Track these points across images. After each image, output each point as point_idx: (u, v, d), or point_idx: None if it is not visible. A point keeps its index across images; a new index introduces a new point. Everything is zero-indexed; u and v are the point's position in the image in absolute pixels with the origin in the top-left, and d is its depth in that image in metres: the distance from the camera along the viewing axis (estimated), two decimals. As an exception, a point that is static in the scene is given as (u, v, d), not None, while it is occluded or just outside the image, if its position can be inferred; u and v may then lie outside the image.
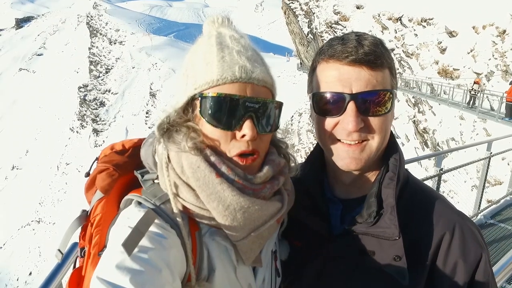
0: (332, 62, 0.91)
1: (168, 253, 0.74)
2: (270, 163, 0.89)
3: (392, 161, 0.98)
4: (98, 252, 0.84)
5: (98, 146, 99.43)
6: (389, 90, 0.91)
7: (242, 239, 0.82)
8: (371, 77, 0.88)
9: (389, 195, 0.92)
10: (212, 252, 0.83)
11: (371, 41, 0.90)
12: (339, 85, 0.90)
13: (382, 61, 0.89)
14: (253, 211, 0.81)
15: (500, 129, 15.20)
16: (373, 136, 0.92)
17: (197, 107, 0.83)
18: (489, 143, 6.12)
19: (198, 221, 0.83)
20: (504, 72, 20.08)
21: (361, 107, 0.89)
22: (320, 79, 0.95)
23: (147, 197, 0.83)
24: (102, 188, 0.90)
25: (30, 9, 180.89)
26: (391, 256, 0.90)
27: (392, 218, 0.90)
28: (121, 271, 0.66)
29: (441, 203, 0.99)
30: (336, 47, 0.90)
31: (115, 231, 0.79)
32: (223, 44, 0.86)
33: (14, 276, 74.26)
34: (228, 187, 0.79)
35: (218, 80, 0.80)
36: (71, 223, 0.99)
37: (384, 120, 0.92)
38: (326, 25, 38.00)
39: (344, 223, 1.02)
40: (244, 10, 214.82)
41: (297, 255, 1.05)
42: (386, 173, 0.96)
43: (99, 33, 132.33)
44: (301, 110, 48.65)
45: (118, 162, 0.94)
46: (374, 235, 0.93)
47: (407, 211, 0.95)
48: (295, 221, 1.04)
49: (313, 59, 1.01)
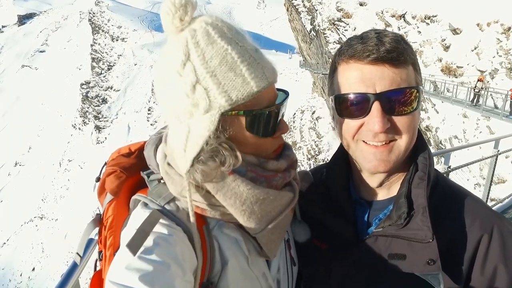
0: (353, 62, 0.88)
1: (175, 249, 0.75)
2: (285, 158, 0.91)
3: (422, 160, 0.94)
4: (113, 252, 0.86)
5: (100, 143, 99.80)
6: (415, 87, 0.87)
7: (261, 231, 0.83)
8: (395, 75, 0.84)
9: (420, 195, 0.88)
10: (222, 245, 0.84)
11: (392, 37, 0.86)
12: (362, 86, 0.86)
13: (405, 58, 0.86)
14: (268, 202, 0.82)
15: (504, 127, 15.10)
16: (401, 136, 0.88)
17: (234, 123, 0.79)
18: (497, 141, 6.04)
19: (205, 216, 0.84)
20: (508, 70, 19.92)
21: (386, 107, 0.85)
22: (341, 81, 0.92)
23: (153, 198, 0.84)
24: (111, 190, 0.92)
25: (32, 6, 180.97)
26: (424, 259, 0.85)
27: (424, 220, 0.86)
28: (130, 271, 0.68)
29: (476, 203, 0.94)
30: (356, 46, 0.87)
31: (124, 234, 0.81)
32: (233, 44, 0.77)
33: (17, 272, 74.88)
34: (242, 182, 0.79)
35: (258, 92, 0.76)
36: (86, 226, 1.03)
37: (411, 119, 0.88)
38: (329, 22, 37.81)
39: (370, 226, 0.98)
40: (246, 7, 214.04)
41: (321, 258, 1.02)
42: (416, 172, 0.92)
43: (101, 30, 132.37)
44: (303, 108, 48.56)
45: (125, 164, 0.95)
46: (404, 238, 0.89)
47: (438, 211, 0.90)
48: (319, 223, 1.02)
49: (332, 60, 0.98)
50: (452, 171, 4.78)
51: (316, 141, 41.79)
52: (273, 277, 0.94)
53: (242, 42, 0.78)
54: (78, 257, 1.10)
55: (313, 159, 40.14)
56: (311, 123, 44.63)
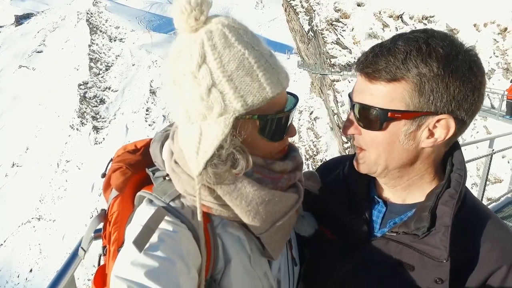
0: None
1: (180, 246, 0.76)
2: (291, 159, 0.91)
3: (456, 176, 0.88)
4: (117, 248, 0.88)
5: (98, 143, 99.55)
6: (374, 107, 0.82)
7: (265, 232, 0.84)
8: (367, 89, 0.84)
9: (445, 214, 0.85)
10: (226, 243, 0.85)
11: (386, 51, 0.80)
12: (353, 93, 0.91)
13: (386, 74, 0.79)
14: (273, 203, 0.82)
15: (501, 127, 15.20)
16: (368, 148, 0.89)
17: (247, 127, 0.79)
18: (491, 140, 6.10)
19: (209, 214, 0.84)
20: (505, 70, 20.04)
21: (357, 117, 0.88)
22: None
23: (158, 195, 0.85)
24: (116, 186, 0.93)
25: (29, 6, 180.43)
26: (433, 277, 0.83)
27: (444, 239, 0.83)
28: (135, 267, 0.69)
29: (500, 229, 0.90)
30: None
31: (129, 229, 0.82)
32: (249, 48, 0.76)
33: (14, 273, 74.54)
34: (248, 183, 0.80)
35: (273, 97, 0.77)
36: (91, 221, 1.05)
37: (375, 137, 0.86)
38: (327, 22, 37.90)
39: (384, 227, 0.96)
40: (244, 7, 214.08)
41: (330, 250, 1.02)
42: (447, 188, 0.87)
43: (99, 30, 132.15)
44: (301, 108, 48.61)
45: (131, 161, 0.96)
46: (418, 251, 0.86)
47: (459, 231, 0.86)
48: (333, 216, 1.02)
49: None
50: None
51: (314, 141, 41.85)
52: (274, 276, 0.94)
53: (258, 46, 0.78)
54: (82, 251, 1.12)
55: (311, 160, 40.19)
56: (309, 123, 44.69)
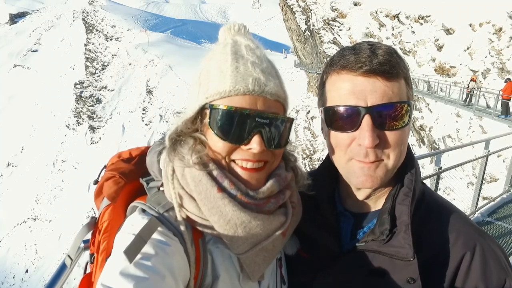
0: (345, 73, 0.87)
1: (171, 260, 0.74)
2: (275, 177, 0.87)
3: (408, 175, 0.92)
4: (105, 258, 0.85)
5: (95, 143, 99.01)
6: (406, 102, 0.86)
7: (245, 253, 0.81)
8: (387, 88, 0.83)
9: (403, 212, 0.87)
10: (216, 259, 0.83)
11: (385, 50, 0.85)
12: (353, 98, 0.84)
13: (398, 71, 0.84)
14: (254, 226, 0.80)
15: (496, 126, 15.31)
16: (389, 152, 0.86)
17: (206, 117, 0.82)
18: (487, 142, 6.17)
19: (202, 229, 0.83)
20: (500, 70, 20.16)
21: (377, 121, 0.83)
22: (331, 92, 0.90)
23: (151, 205, 0.83)
24: (109, 195, 0.91)
25: (24, 5, 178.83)
26: (405, 278, 0.84)
27: (406, 237, 0.84)
28: (124, 277, 0.66)
29: (460, 220, 0.92)
30: (349, 57, 0.86)
31: (119, 238, 0.79)
32: (238, 53, 0.85)
33: (10, 274, 74.00)
34: (229, 202, 0.79)
35: (230, 92, 0.79)
36: (80, 229, 1.02)
37: (401, 134, 0.86)
38: (324, 21, 37.94)
39: (354, 238, 0.97)
40: (241, 6, 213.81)
41: (305, 268, 1.00)
42: (401, 188, 0.91)
43: (95, 29, 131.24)
44: (298, 107, 48.65)
45: (124, 170, 0.95)
46: (386, 254, 0.87)
47: (422, 227, 0.88)
48: (303, 234, 1.01)
49: (323, 70, 0.97)
50: (443, 172, 4.84)
51: (311, 141, 41.89)
52: None
53: (251, 55, 0.85)
54: (69, 260, 1.08)
55: (308, 159, 40.24)
56: (306, 123, 44.74)
